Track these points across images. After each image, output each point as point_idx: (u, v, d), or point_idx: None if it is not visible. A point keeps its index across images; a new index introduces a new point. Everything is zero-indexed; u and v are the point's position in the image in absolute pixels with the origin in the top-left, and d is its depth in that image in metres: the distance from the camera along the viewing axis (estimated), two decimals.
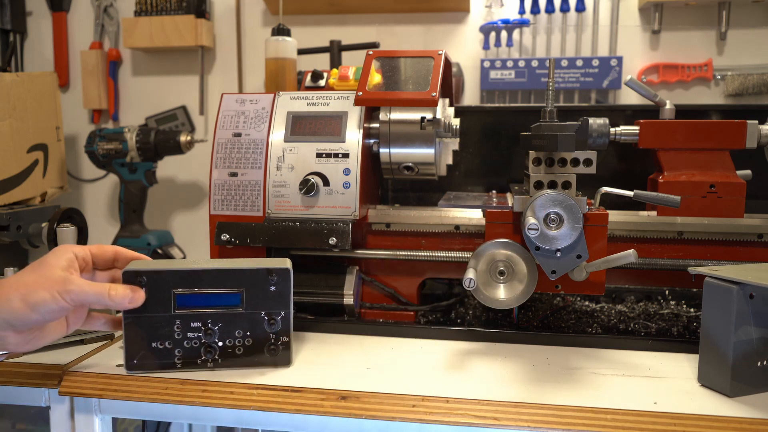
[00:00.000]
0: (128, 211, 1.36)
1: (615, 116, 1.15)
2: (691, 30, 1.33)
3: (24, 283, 0.64)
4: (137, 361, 0.73)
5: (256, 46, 1.49)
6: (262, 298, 0.74)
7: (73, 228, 0.90)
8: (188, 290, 0.73)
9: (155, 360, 0.73)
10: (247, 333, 0.74)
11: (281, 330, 0.74)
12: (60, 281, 0.64)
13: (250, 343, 0.74)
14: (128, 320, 0.72)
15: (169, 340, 0.73)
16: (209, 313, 0.73)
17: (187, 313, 0.73)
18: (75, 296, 0.65)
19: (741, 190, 0.90)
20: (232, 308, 0.73)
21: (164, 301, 0.72)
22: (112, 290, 0.68)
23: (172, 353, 0.73)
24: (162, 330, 0.72)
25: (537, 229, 0.72)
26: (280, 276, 0.74)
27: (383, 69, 0.92)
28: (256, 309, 0.74)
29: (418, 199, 1.21)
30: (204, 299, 0.73)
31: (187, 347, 0.73)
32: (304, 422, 0.70)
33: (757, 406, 0.65)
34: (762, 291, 0.65)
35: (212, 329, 0.73)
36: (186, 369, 0.73)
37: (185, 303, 0.73)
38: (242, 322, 0.74)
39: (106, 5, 1.52)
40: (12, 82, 1.21)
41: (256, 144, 0.92)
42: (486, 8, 1.39)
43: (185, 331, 0.73)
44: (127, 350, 0.72)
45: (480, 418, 0.65)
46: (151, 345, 0.73)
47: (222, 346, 0.74)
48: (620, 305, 1.00)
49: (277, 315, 0.74)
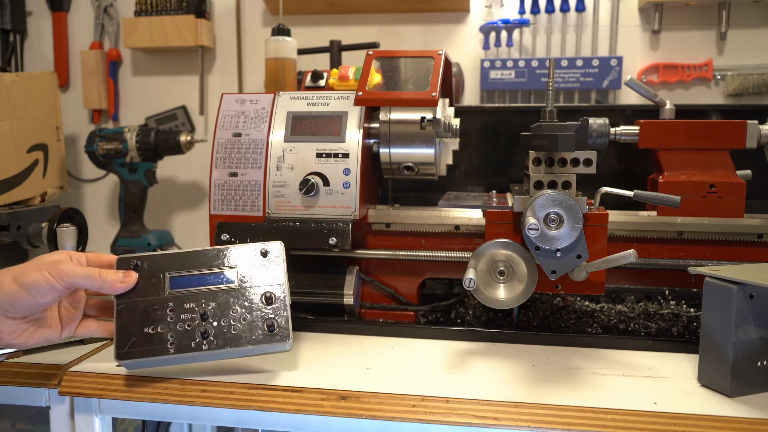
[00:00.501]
0: (128, 211, 1.36)
1: (615, 116, 1.15)
2: (691, 30, 1.33)
3: (16, 268, 0.65)
4: (128, 348, 0.69)
5: (256, 46, 1.49)
6: (257, 274, 0.73)
7: (73, 228, 0.90)
8: (181, 272, 0.72)
9: (147, 346, 0.69)
10: (242, 311, 0.72)
11: (278, 306, 0.72)
12: (52, 263, 0.65)
13: (246, 321, 0.71)
14: (120, 306, 0.70)
15: (162, 324, 0.70)
16: (203, 292, 0.72)
17: (180, 293, 0.71)
18: (66, 276, 0.65)
19: (741, 190, 0.90)
20: (226, 286, 0.72)
21: (157, 284, 0.71)
22: (103, 273, 0.68)
23: (164, 338, 0.70)
24: (154, 314, 0.70)
25: (537, 229, 0.72)
26: (273, 251, 0.74)
27: (383, 69, 0.92)
28: (251, 285, 0.73)
29: (418, 199, 1.21)
30: (197, 280, 0.72)
31: (180, 330, 0.70)
32: (304, 422, 0.70)
33: (757, 406, 0.65)
34: (762, 291, 0.65)
35: (206, 309, 0.71)
36: (179, 353, 0.69)
37: (178, 285, 0.72)
38: (237, 300, 0.72)
39: (106, 5, 1.52)
40: (12, 82, 1.21)
41: (256, 144, 0.92)
42: (486, 8, 1.39)
43: (179, 313, 0.71)
44: (117, 338, 0.69)
45: (480, 418, 0.65)
46: (143, 331, 0.70)
47: (217, 326, 0.71)
48: (620, 305, 1.00)
49: (273, 290, 0.73)
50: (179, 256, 0.73)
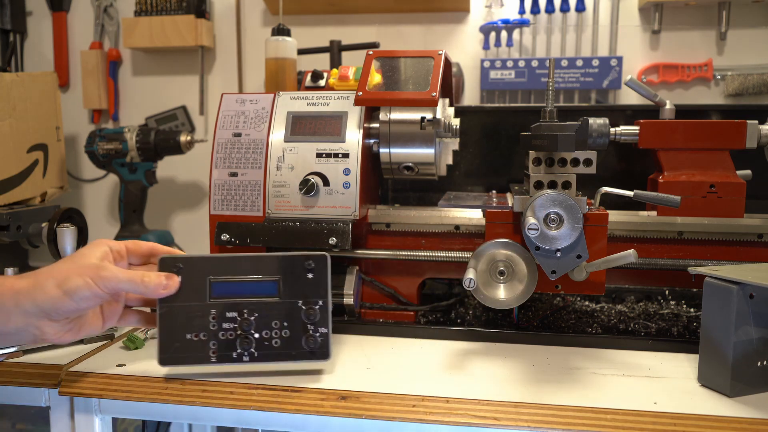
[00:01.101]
0: (128, 211, 1.36)
1: (615, 116, 1.15)
2: (691, 30, 1.33)
3: (58, 270, 0.64)
4: (171, 354, 0.70)
5: (256, 46, 1.49)
6: (300, 286, 0.72)
7: (73, 228, 0.90)
8: (224, 278, 0.71)
9: (190, 353, 0.70)
10: (284, 324, 0.71)
11: (319, 321, 0.71)
12: (93, 268, 0.64)
13: (288, 335, 0.71)
14: (163, 310, 0.70)
15: (204, 332, 0.70)
16: (245, 302, 0.71)
17: (222, 302, 0.70)
18: (108, 282, 0.64)
19: (741, 190, 0.90)
20: (268, 297, 0.71)
21: (199, 289, 0.70)
22: (145, 277, 0.67)
23: (206, 345, 0.70)
24: (197, 320, 0.70)
25: (537, 229, 0.72)
26: (317, 263, 0.72)
27: (383, 69, 0.92)
28: (294, 298, 0.72)
29: (418, 199, 1.21)
30: (240, 287, 0.71)
31: (222, 339, 0.70)
32: (304, 422, 0.70)
33: (757, 406, 0.65)
34: (762, 291, 0.65)
35: (248, 320, 0.70)
36: (221, 363, 0.70)
37: (221, 291, 0.71)
38: (279, 312, 0.71)
39: (106, 5, 1.52)
40: (12, 82, 1.21)
41: (256, 144, 0.92)
42: (486, 8, 1.39)
43: (221, 321, 0.70)
44: (161, 342, 0.70)
45: (480, 418, 0.65)
46: (185, 337, 0.70)
47: (258, 338, 0.71)
48: (620, 305, 1.00)
49: (315, 304, 0.71)
50: (222, 261, 0.71)
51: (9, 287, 0.63)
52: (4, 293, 0.62)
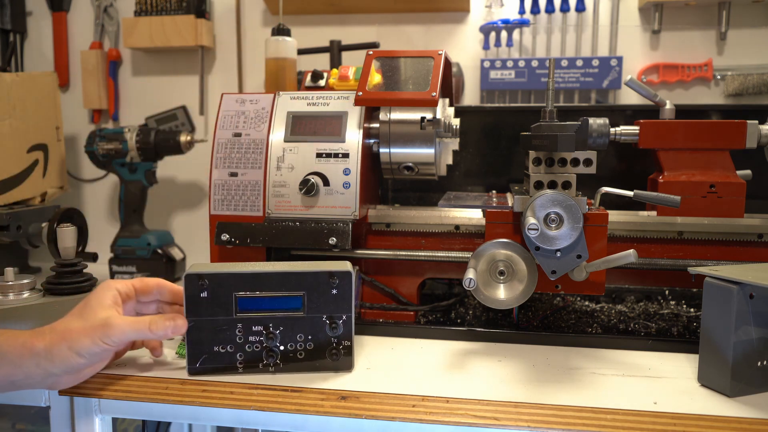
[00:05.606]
0: (128, 211, 1.36)
1: (615, 116, 1.15)
2: (691, 30, 1.33)
3: (69, 331, 0.67)
4: (200, 364, 0.73)
5: (256, 46, 1.49)
6: (324, 301, 0.73)
7: (73, 228, 0.90)
8: (250, 293, 0.72)
9: (218, 364, 0.73)
10: (308, 337, 0.73)
11: (343, 334, 0.73)
12: (100, 327, 0.67)
13: (312, 348, 0.73)
14: (191, 323, 0.72)
15: (231, 344, 0.73)
16: (271, 317, 0.73)
17: (248, 316, 0.72)
18: (116, 338, 0.67)
19: (741, 190, 0.90)
20: (293, 312, 0.73)
21: (226, 304, 0.72)
22: (152, 324, 0.70)
23: (234, 357, 0.73)
24: (224, 334, 0.72)
25: (537, 229, 0.72)
26: (341, 279, 0.73)
27: (383, 69, 0.92)
28: (318, 313, 0.73)
29: (418, 199, 1.21)
30: (265, 303, 0.73)
31: (248, 351, 0.73)
32: (304, 422, 0.70)
33: (757, 406, 0.65)
34: (762, 291, 0.65)
35: (274, 333, 0.72)
36: (247, 373, 0.73)
37: (247, 306, 0.72)
38: (304, 327, 0.73)
39: (106, 5, 1.52)
40: (12, 82, 1.21)
41: (256, 144, 0.92)
42: (486, 8, 1.39)
43: (247, 335, 0.73)
44: (189, 354, 0.73)
45: (480, 418, 0.65)
46: (212, 349, 0.73)
47: (283, 350, 0.73)
48: (620, 305, 1.00)
49: (338, 319, 0.73)
50: (247, 277, 0.72)
51: (29, 349, 0.65)
52: (24, 354, 0.65)
